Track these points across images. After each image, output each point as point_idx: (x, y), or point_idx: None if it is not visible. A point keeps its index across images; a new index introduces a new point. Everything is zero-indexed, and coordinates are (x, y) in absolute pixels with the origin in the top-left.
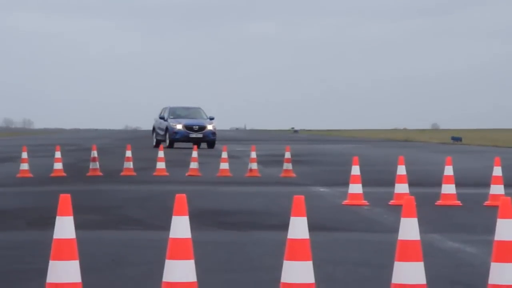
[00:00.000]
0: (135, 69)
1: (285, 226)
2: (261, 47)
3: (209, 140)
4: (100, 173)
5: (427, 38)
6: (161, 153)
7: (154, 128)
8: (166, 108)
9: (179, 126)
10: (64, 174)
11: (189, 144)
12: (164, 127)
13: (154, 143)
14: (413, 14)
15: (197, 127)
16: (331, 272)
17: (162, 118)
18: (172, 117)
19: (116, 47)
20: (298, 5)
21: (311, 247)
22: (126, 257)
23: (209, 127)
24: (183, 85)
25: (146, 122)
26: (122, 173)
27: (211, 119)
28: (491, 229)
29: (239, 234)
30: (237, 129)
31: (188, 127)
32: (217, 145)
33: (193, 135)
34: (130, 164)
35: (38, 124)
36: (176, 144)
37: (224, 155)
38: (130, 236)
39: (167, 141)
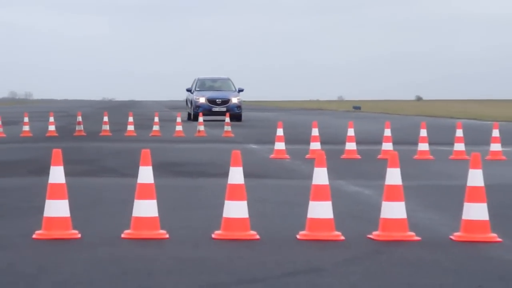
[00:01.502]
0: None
1: (226, 174)
2: None
3: (233, 114)
4: (84, 134)
5: (337, 32)
6: (130, 118)
7: (186, 101)
8: (195, 79)
9: (202, 100)
10: (56, 134)
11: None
12: (190, 100)
13: (187, 116)
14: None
15: (220, 100)
16: (262, 209)
17: (189, 90)
18: (198, 89)
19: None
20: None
21: (246, 190)
22: (104, 198)
23: (234, 100)
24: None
25: (121, 93)
26: (100, 134)
27: (240, 91)
28: (383, 176)
29: (190, 180)
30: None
31: (211, 101)
32: (172, 112)
33: (216, 108)
34: (107, 127)
35: (36, 95)
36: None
37: (179, 120)
38: (107, 182)
39: (192, 114)
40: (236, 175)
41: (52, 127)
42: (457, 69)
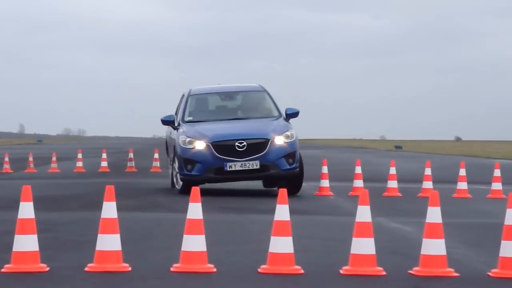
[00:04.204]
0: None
1: (273, 211)
2: None
3: (281, 175)
4: (135, 170)
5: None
6: None
7: (166, 146)
8: (184, 95)
9: (200, 145)
10: (108, 170)
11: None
12: (173, 146)
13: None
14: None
15: (243, 142)
16: (306, 245)
17: (168, 122)
18: (188, 119)
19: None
20: None
21: (292, 226)
22: (154, 232)
23: (278, 140)
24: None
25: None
26: (151, 170)
27: (291, 116)
28: (423, 214)
29: (238, 216)
30: None
31: (224, 146)
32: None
33: (235, 165)
34: (157, 163)
35: (90, 133)
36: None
37: None
38: (157, 216)
39: (175, 180)
40: (282, 212)
41: (104, 163)
42: (495, 110)
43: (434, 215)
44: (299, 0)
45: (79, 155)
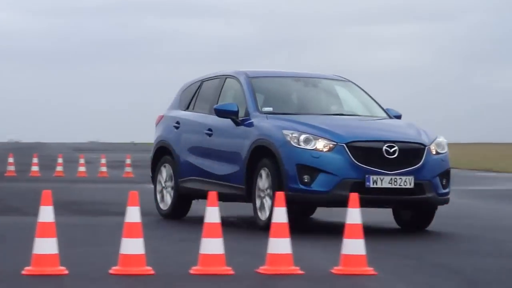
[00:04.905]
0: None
1: (123, 213)
2: None
3: (435, 206)
4: None
5: None
6: (34, 159)
7: (153, 178)
8: (220, 80)
9: (326, 145)
10: None
11: None
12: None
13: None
14: None
15: (394, 147)
16: (157, 245)
17: (232, 114)
18: (267, 109)
19: None
20: None
21: (143, 228)
22: (5, 235)
23: (433, 150)
24: None
25: (27, 135)
26: (5, 174)
27: (397, 118)
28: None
29: (90, 218)
30: (92, 142)
31: (363, 151)
32: (74, 153)
33: (384, 182)
34: (12, 167)
35: None
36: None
37: (82, 161)
38: (9, 220)
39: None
40: (133, 214)
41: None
42: None
43: (280, 215)
44: (152, 6)
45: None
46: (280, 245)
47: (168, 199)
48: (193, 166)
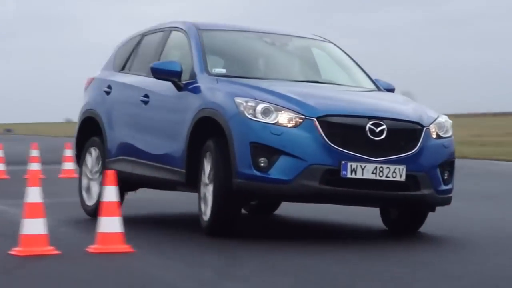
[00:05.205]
0: None
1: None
2: None
3: (433, 207)
4: None
5: None
6: None
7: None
8: (163, 32)
9: (291, 120)
10: None
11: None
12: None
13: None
14: None
15: (382, 125)
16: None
17: (173, 74)
18: (218, 71)
19: None
20: None
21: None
22: None
23: (433, 133)
24: None
25: None
26: None
27: (390, 91)
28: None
29: None
30: None
31: (339, 128)
32: None
33: (365, 171)
34: None
35: None
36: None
37: None
38: None
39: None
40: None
41: None
42: None
43: (33, 195)
44: None
45: None
46: (34, 225)
47: (96, 190)
48: (123, 143)
